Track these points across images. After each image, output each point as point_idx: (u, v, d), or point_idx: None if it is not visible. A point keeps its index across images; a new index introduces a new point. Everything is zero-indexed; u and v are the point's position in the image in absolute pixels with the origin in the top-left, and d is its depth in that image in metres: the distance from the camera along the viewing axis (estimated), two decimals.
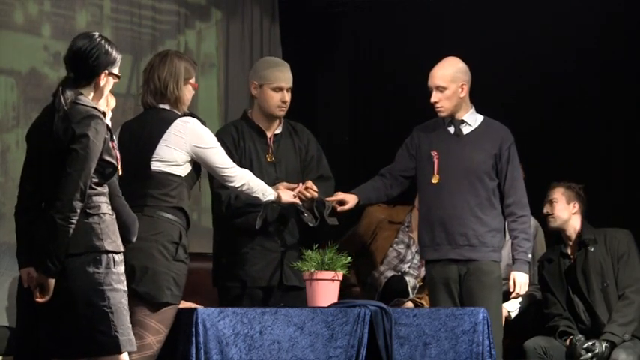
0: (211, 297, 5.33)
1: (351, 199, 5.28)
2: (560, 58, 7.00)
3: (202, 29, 7.72)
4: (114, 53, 3.98)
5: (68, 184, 3.76)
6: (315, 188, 5.09)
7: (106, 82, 3.99)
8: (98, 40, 3.95)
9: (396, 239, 6.02)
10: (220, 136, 5.07)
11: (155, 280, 4.33)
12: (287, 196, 4.93)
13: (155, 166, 4.46)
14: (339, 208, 5.22)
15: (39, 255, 3.78)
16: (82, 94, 3.92)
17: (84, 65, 3.93)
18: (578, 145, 6.91)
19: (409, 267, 5.99)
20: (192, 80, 4.63)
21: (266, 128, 5.28)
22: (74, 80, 3.93)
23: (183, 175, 4.50)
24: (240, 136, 5.22)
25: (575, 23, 6.89)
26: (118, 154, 3.99)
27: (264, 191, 4.77)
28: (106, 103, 4.35)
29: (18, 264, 4.00)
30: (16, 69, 6.76)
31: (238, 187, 4.67)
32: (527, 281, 5.28)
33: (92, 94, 3.97)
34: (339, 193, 5.28)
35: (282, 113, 5.25)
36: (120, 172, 4.03)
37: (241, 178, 4.66)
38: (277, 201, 4.88)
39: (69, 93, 3.87)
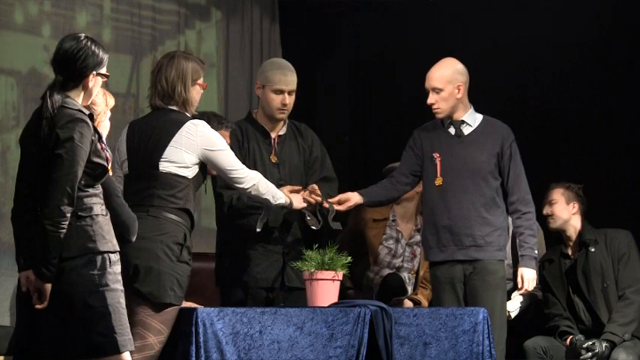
0: (211, 297, 5.33)
1: (353, 197, 5.26)
2: (560, 58, 7.00)
3: (202, 29, 7.72)
4: (101, 53, 3.95)
5: (55, 189, 3.75)
6: (319, 192, 5.09)
7: (95, 82, 3.97)
8: (84, 41, 3.93)
9: (385, 235, 6.02)
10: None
11: (159, 281, 4.32)
12: (298, 201, 4.93)
13: (163, 166, 4.45)
14: (338, 207, 5.19)
15: (33, 263, 3.78)
16: (69, 97, 3.90)
17: (71, 68, 3.91)
18: (578, 145, 6.91)
19: (402, 261, 6.00)
20: (200, 81, 4.62)
21: (270, 129, 5.29)
22: (62, 83, 3.91)
23: (190, 177, 4.49)
24: (244, 137, 5.23)
25: (576, 23, 6.89)
26: (109, 155, 3.97)
27: (274, 194, 4.76)
28: (105, 103, 4.35)
29: (17, 267, 4.00)
30: (16, 69, 6.76)
31: (248, 189, 4.66)
32: (535, 277, 5.28)
33: (81, 95, 3.96)
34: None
35: (283, 116, 5.25)
36: (111, 172, 4.01)
37: (251, 179, 4.66)
38: (289, 206, 4.88)
39: (56, 97, 3.85)
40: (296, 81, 5.26)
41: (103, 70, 3.98)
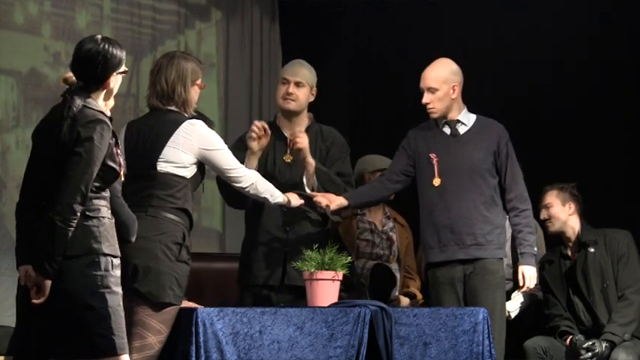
0: (211, 297, 5.33)
1: (337, 198, 5.22)
2: (560, 57, 7.00)
3: (202, 29, 7.73)
4: (119, 53, 3.96)
5: (69, 186, 3.75)
6: (300, 136, 5.12)
7: (116, 81, 3.99)
8: (102, 44, 3.93)
9: (359, 230, 6.05)
10: (241, 136, 5.22)
11: (158, 281, 4.32)
12: (296, 200, 4.94)
13: (161, 166, 4.46)
14: (323, 203, 5.16)
15: (37, 256, 3.77)
16: (91, 97, 3.91)
17: (92, 73, 3.92)
18: (578, 145, 6.92)
19: (381, 249, 6.03)
20: (199, 81, 4.63)
21: (287, 129, 5.30)
22: (83, 87, 3.92)
23: (188, 177, 4.50)
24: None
25: (575, 23, 6.90)
26: (122, 160, 3.97)
27: (272, 193, 4.77)
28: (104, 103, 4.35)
29: (16, 261, 3.99)
30: (16, 69, 6.77)
31: (246, 188, 4.67)
32: (535, 274, 5.28)
33: (102, 95, 3.97)
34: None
35: (288, 106, 5.27)
36: (122, 178, 4.00)
37: (249, 178, 4.67)
38: (286, 205, 4.90)
39: (78, 101, 3.86)
40: (307, 75, 5.32)
41: (122, 69, 3.99)
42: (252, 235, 5.25)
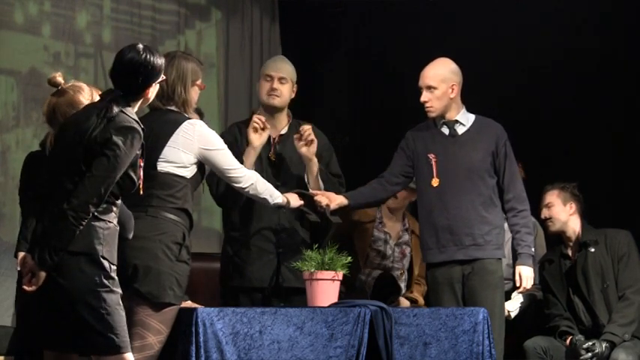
0: (211, 297, 5.33)
1: (338, 198, 5.24)
2: (560, 57, 7.00)
3: (202, 29, 7.73)
4: (159, 62, 3.98)
5: (90, 185, 3.76)
6: (307, 131, 5.15)
7: (154, 90, 4.03)
8: (144, 54, 3.94)
9: (373, 238, 6.04)
10: (224, 135, 5.18)
11: (158, 281, 4.32)
12: (295, 200, 4.94)
13: (161, 166, 4.45)
14: (324, 203, 5.16)
15: (38, 245, 3.75)
16: (130, 105, 3.93)
17: (133, 83, 3.94)
18: (578, 145, 6.92)
19: (392, 261, 6.02)
20: (199, 81, 4.64)
21: (271, 126, 5.29)
22: (123, 96, 3.92)
23: (188, 177, 4.50)
24: (242, 135, 5.25)
25: (575, 22, 6.90)
26: (142, 174, 3.96)
27: (272, 193, 4.77)
28: (91, 100, 4.32)
29: (16, 246, 3.98)
30: (16, 69, 6.77)
31: (246, 188, 4.67)
32: (533, 275, 5.28)
33: (140, 102, 4.00)
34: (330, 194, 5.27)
35: (273, 102, 5.30)
36: (141, 192, 4.00)
37: (249, 178, 4.67)
38: (286, 206, 4.90)
39: (116, 109, 3.86)
40: (290, 71, 5.35)
41: (161, 77, 4.01)
42: (241, 236, 5.23)
